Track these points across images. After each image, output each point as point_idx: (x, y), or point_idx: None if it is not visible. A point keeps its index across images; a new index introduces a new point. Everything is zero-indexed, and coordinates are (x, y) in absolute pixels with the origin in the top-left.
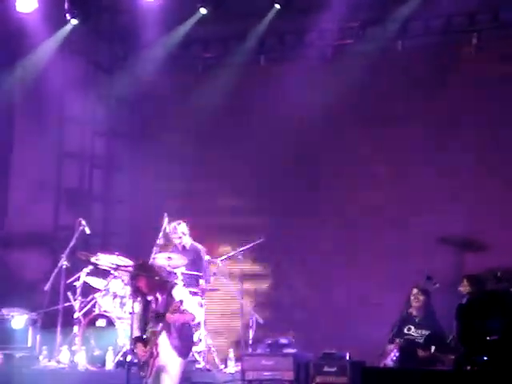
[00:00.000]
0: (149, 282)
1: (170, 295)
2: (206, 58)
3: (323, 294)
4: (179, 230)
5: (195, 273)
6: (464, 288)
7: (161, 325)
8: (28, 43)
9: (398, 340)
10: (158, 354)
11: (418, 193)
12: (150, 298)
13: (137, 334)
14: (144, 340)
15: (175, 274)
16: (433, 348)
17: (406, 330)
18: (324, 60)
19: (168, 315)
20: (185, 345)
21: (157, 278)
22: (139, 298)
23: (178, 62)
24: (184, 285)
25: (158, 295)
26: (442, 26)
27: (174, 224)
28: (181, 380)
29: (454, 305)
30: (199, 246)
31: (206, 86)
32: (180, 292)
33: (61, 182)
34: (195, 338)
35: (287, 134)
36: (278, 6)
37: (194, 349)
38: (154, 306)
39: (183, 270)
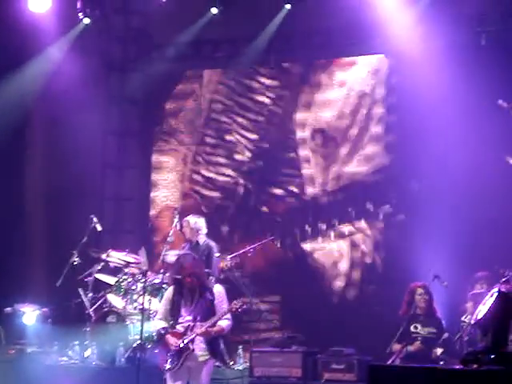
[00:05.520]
0: (194, 282)
1: (211, 293)
2: (216, 58)
3: None
4: (193, 224)
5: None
6: None
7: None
8: (41, 42)
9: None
10: (193, 349)
11: None
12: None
13: (163, 324)
14: (175, 332)
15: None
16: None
17: (412, 329)
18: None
19: (203, 329)
20: (216, 346)
21: (201, 277)
22: (174, 288)
23: (188, 63)
24: None
25: (199, 293)
26: None
27: (188, 218)
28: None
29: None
30: (211, 243)
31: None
32: (219, 292)
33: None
34: None
35: None
36: (288, 7)
37: None
38: (192, 302)
39: None
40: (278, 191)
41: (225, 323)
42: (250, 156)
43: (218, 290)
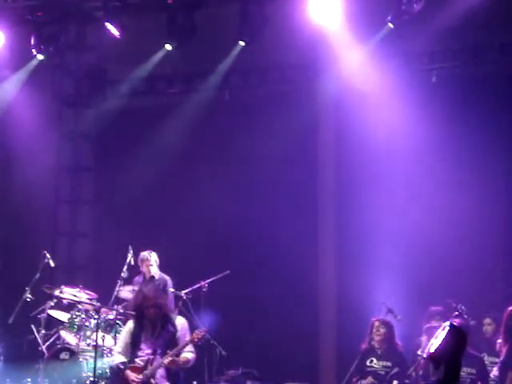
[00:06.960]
0: (157, 313)
1: (173, 326)
2: (170, 93)
3: None
4: (152, 259)
5: None
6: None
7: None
8: None
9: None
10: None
11: None
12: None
13: (122, 358)
14: (134, 366)
15: None
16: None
17: (368, 363)
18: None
19: (170, 359)
20: (178, 380)
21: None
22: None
23: (142, 99)
24: None
25: (161, 326)
26: None
27: (145, 253)
28: None
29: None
30: (166, 277)
31: (170, 122)
32: (182, 324)
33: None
34: None
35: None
36: (242, 43)
37: None
38: (153, 334)
39: None
40: None
41: (190, 355)
42: None
43: (181, 322)
